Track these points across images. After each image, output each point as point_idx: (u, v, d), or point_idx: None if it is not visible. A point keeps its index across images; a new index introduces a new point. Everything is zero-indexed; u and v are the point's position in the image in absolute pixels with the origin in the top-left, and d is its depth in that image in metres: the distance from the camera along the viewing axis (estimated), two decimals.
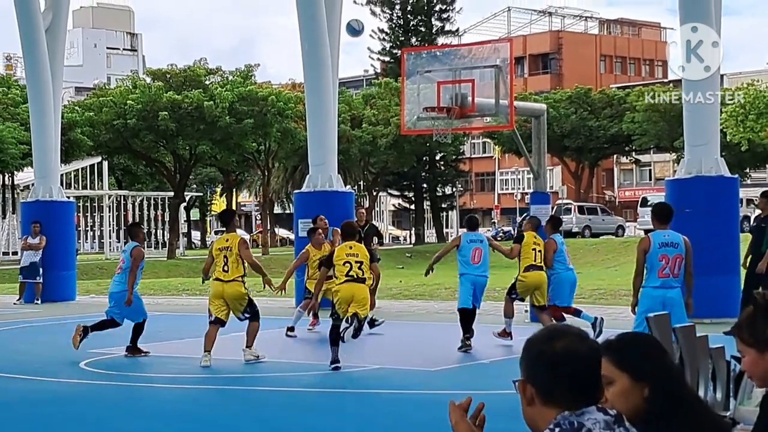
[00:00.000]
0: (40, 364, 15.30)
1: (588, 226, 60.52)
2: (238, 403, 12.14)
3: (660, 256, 12.29)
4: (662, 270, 12.28)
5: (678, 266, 12.33)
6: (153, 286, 31.48)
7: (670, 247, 12.31)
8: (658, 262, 12.29)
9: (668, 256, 12.29)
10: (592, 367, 3.17)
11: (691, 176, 19.59)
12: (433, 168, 66.98)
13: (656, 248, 12.28)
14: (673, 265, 12.30)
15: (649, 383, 3.29)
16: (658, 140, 59.70)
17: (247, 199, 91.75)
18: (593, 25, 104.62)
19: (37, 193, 27.24)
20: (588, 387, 3.15)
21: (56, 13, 27.09)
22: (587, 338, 3.22)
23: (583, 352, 3.15)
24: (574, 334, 3.21)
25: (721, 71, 22.01)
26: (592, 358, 3.17)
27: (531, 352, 3.21)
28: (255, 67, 53.39)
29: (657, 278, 12.32)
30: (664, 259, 12.28)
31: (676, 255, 12.31)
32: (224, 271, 14.87)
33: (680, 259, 12.33)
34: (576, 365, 3.13)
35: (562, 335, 3.19)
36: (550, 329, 3.27)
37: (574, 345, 3.16)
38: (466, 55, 21.63)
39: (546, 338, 3.20)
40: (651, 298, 12.27)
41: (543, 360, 3.16)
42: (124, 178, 64.41)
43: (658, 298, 12.20)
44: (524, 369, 3.22)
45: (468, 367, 14.61)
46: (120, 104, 49.20)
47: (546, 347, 3.17)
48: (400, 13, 69.42)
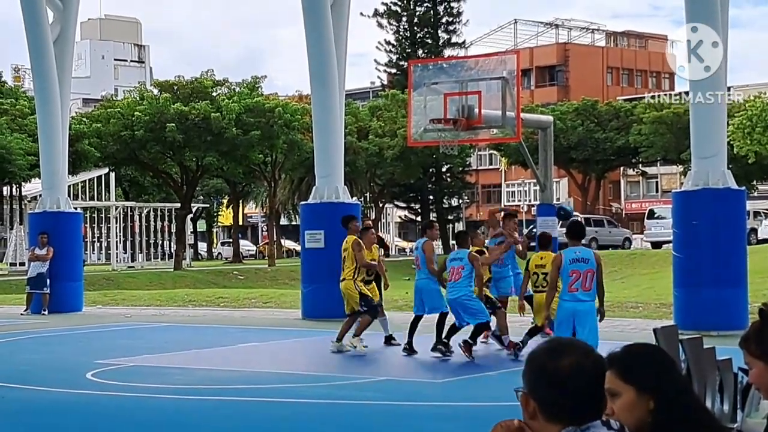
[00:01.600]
0: (47, 374, 15.30)
1: (595, 238, 60.36)
2: (243, 414, 12.13)
3: (571, 272, 13.03)
4: (572, 284, 13.03)
5: (589, 280, 13.03)
6: (159, 297, 31.48)
7: (581, 263, 13.04)
8: (568, 277, 13.06)
9: (579, 271, 13.00)
10: (597, 383, 3.15)
11: (698, 188, 19.55)
12: (440, 180, 66.96)
13: (567, 264, 13.05)
14: (584, 280, 13.00)
15: (655, 395, 3.27)
16: (665, 152, 59.64)
17: (253, 211, 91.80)
18: (600, 37, 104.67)
19: (45, 204, 27.27)
20: (592, 402, 3.13)
21: (64, 25, 27.17)
22: (591, 352, 3.20)
23: (588, 368, 3.13)
24: (579, 348, 3.19)
25: (728, 83, 22.00)
26: (596, 373, 3.15)
27: (535, 366, 3.17)
28: (262, 79, 53.53)
29: (567, 292, 13.10)
30: (575, 274, 13.00)
31: (587, 270, 13.02)
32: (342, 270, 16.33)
33: (591, 273, 13.04)
34: (581, 382, 3.11)
35: (567, 350, 3.16)
36: (554, 343, 3.24)
37: (579, 361, 3.13)
38: (473, 67, 21.67)
39: (551, 353, 3.17)
40: (563, 310, 13.12)
41: (548, 376, 3.12)
42: (131, 190, 64.49)
43: (569, 310, 13.01)
44: (527, 383, 3.18)
45: (475, 379, 14.57)
46: (127, 116, 49.30)
47: (551, 363, 3.13)
48: (407, 25, 69.52)
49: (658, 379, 3.28)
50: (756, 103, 48.87)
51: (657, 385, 3.27)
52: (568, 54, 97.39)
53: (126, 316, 25.85)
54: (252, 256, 74.45)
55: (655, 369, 3.30)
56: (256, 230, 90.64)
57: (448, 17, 69.36)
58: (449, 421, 11.55)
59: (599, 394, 3.15)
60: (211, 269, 54.16)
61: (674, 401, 3.26)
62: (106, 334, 21.60)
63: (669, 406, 3.26)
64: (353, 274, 16.58)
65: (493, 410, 2.97)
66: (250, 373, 15.39)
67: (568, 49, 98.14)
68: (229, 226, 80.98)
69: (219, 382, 14.32)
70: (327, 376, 14.46)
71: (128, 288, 40.34)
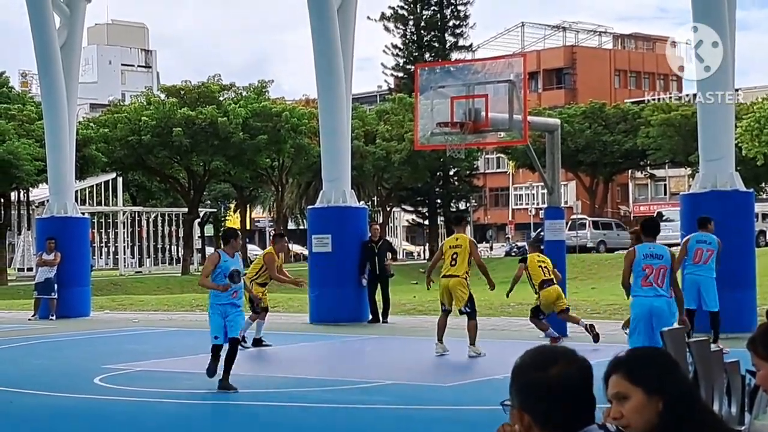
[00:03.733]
0: (55, 379, 15.31)
1: (603, 241, 60.34)
2: (250, 418, 12.12)
3: (644, 266, 12.79)
4: (645, 279, 12.79)
5: (662, 277, 12.79)
6: (167, 302, 31.49)
7: (655, 258, 12.80)
8: (642, 272, 12.81)
9: (652, 266, 12.76)
10: (587, 388, 3.14)
11: (706, 191, 19.51)
12: (447, 183, 66.89)
13: (641, 259, 12.80)
14: (656, 275, 12.77)
15: (663, 397, 3.25)
16: (672, 155, 59.56)
17: (260, 215, 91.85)
18: (607, 39, 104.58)
19: (52, 210, 27.30)
20: (585, 407, 3.12)
21: (71, 30, 27.21)
22: (576, 357, 3.18)
23: (576, 375, 3.11)
24: (564, 355, 3.16)
25: (736, 85, 21.95)
26: (585, 378, 3.14)
27: (523, 380, 3.14)
28: (269, 83, 53.57)
29: (641, 287, 12.82)
30: (648, 269, 12.76)
31: (660, 266, 12.78)
32: (452, 266, 16.60)
33: (664, 269, 12.79)
34: (571, 390, 3.09)
35: (553, 360, 3.14)
36: (538, 353, 3.20)
37: (566, 369, 3.11)
38: (480, 70, 21.60)
39: (537, 365, 3.14)
40: (639, 306, 12.81)
41: (537, 389, 3.10)
42: (138, 195, 64.53)
43: (645, 305, 12.71)
44: (517, 397, 3.15)
45: (481, 383, 14.54)
46: (134, 120, 49.35)
47: (538, 375, 3.11)
48: (414, 28, 69.46)
49: (663, 380, 3.27)
50: (764, 105, 48.80)
51: (664, 386, 3.25)
52: (576, 57, 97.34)
53: (134, 321, 25.86)
54: None
55: (660, 370, 3.28)
56: (264, 235, 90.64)
57: (455, 20, 69.29)
58: (457, 424, 11.53)
59: (590, 399, 3.14)
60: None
61: (679, 402, 3.24)
62: (114, 339, 21.62)
63: (675, 406, 3.24)
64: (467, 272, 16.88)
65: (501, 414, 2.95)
66: (258, 377, 15.37)
67: (576, 52, 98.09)
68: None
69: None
70: (334, 380, 14.44)
71: (136, 293, 40.39)
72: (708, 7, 19.41)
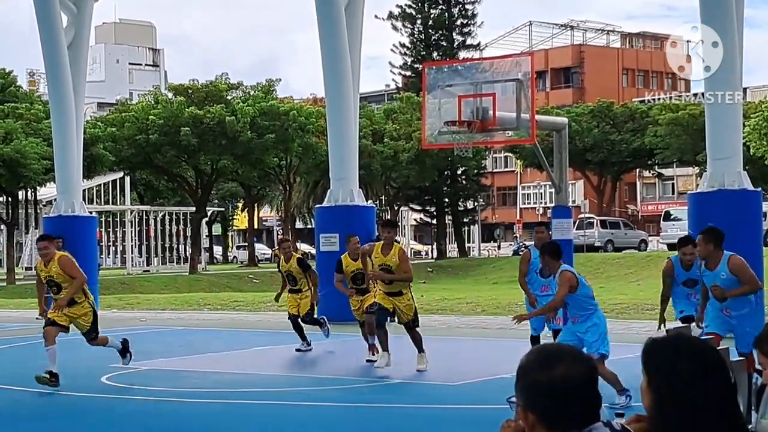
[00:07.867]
0: (62, 378, 15.31)
1: (610, 240, 60.29)
2: (257, 418, 12.11)
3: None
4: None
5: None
6: (174, 301, 31.51)
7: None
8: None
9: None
10: (591, 386, 3.13)
11: (714, 190, 19.47)
12: (455, 182, 66.89)
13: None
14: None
15: (654, 386, 3.26)
16: (680, 154, 59.47)
17: (268, 214, 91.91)
18: (615, 38, 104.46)
19: (60, 209, 27.34)
20: (590, 405, 3.12)
21: (78, 29, 27.24)
22: (580, 355, 3.18)
23: (580, 374, 3.11)
24: (569, 354, 3.16)
25: (744, 84, 21.90)
26: (589, 376, 3.14)
27: (528, 380, 3.14)
28: (276, 82, 53.60)
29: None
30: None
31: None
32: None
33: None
34: (576, 388, 3.09)
35: (557, 359, 3.13)
36: (542, 352, 3.20)
37: (571, 368, 3.11)
38: (488, 69, 21.62)
39: (542, 364, 3.14)
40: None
41: (542, 389, 3.09)
42: (146, 194, 64.63)
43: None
44: (522, 396, 3.15)
45: (489, 382, 14.53)
46: (142, 119, 49.42)
47: (543, 375, 3.11)
48: (422, 27, 69.48)
49: (657, 369, 3.25)
50: None
51: (656, 374, 3.25)
52: (583, 55, 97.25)
53: (141, 319, 25.88)
54: (267, 260, 74.55)
55: (657, 359, 3.26)
56: (272, 234, 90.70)
57: (463, 19, 69.30)
58: (464, 424, 11.52)
59: (595, 397, 3.14)
60: (226, 273, 54.23)
61: (667, 393, 3.22)
62: (122, 337, 21.58)
63: (664, 397, 3.23)
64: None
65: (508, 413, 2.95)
66: (265, 376, 15.38)
67: (583, 51, 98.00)
68: (244, 230, 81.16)
69: (234, 385, 14.32)
70: (341, 379, 14.43)
71: (143, 292, 40.43)
72: (716, 5, 19.37)
